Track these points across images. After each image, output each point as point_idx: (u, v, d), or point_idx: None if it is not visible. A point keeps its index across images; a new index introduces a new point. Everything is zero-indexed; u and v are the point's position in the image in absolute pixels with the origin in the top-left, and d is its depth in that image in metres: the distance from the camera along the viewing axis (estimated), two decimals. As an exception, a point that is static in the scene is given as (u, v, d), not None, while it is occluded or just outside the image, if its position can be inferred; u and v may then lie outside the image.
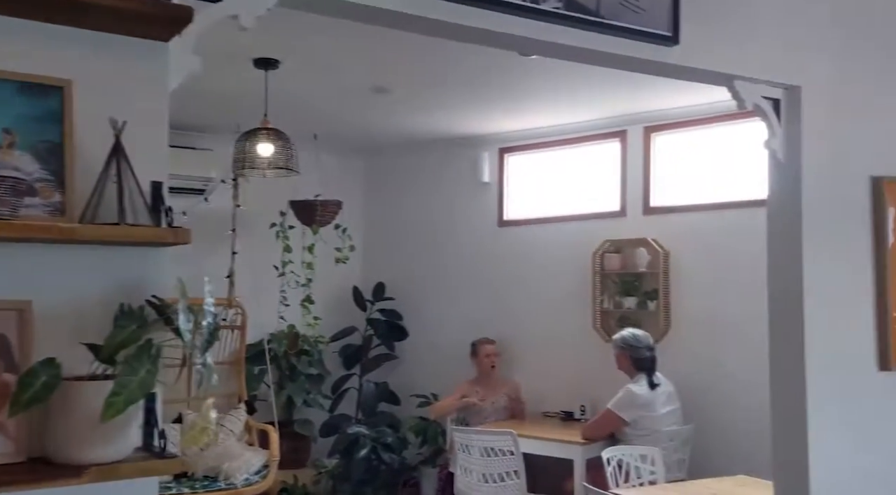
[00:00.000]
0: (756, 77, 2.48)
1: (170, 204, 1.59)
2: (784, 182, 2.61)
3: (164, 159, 1.66)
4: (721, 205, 4.79)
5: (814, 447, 2.48)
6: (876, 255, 2.68)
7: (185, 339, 1.46)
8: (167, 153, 1.67)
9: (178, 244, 1.55)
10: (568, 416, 5.22)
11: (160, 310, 1.53)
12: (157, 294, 1.57)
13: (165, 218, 1.57)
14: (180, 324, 1.46)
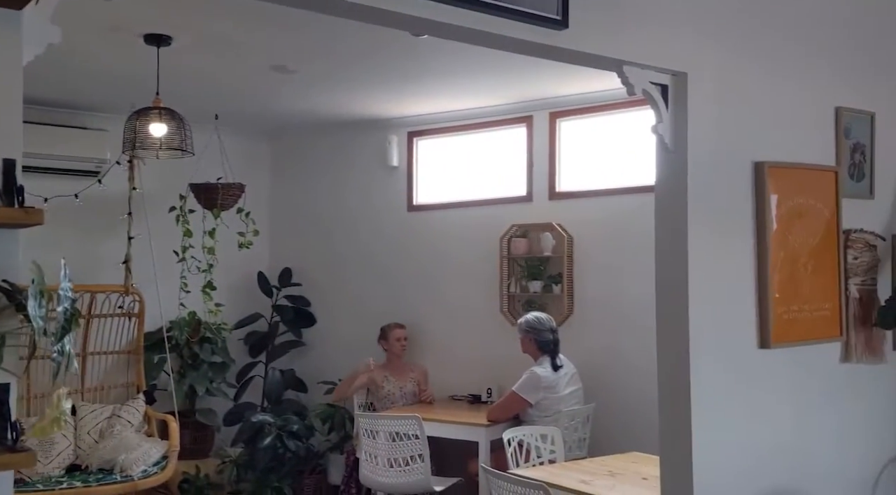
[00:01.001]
0: (644, 63, 2.52)
1: (22, 183, 1.49)
2: (671, 167, 2.67)
3: (18, 136, 1.55)
4: (622, 190, 4.89)
5: (697, 421, 2.56)
6: (757, 239, 2.78)
7: (35, 326, 1.37)
8: (20, 130, 1.56)
9: (30, 225, 1.45)
10: (475, 400, 5.27)
11: (10, 296, 1.43)
12: (9, 278, 1.47)
13: (17, 198, 1.47)
14: (30, 309, 1.37)
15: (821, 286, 2.96)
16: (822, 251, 2.97)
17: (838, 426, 3.01)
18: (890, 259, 3.19)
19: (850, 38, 3.12)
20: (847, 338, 3.02)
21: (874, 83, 3.19)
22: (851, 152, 3.09)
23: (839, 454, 3.01)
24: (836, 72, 3.06)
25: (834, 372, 3.01)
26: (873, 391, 3.14)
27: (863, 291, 3.08)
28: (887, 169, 3.22)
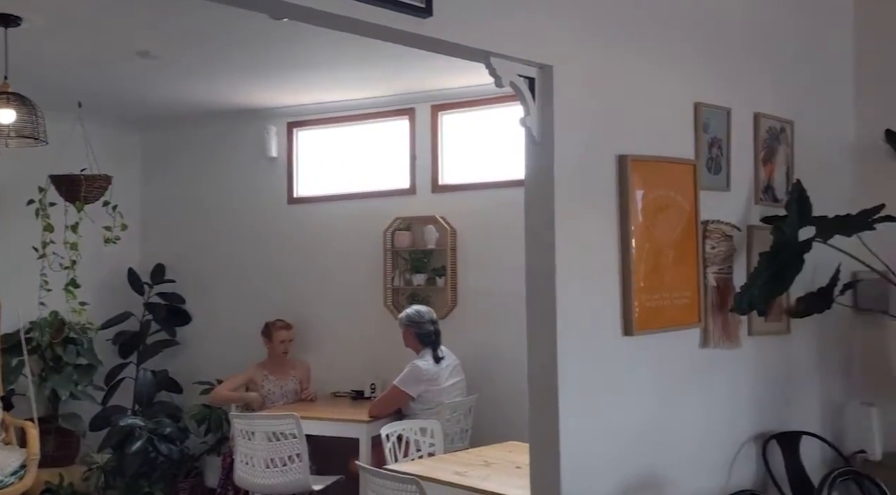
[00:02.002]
0: (511, 55, 2.53)
1: None
2: (538, 160, 2.70)
3: None
4: (503, 183, 4.94)
5: (564, 408, 2.61)
6: (621, 231, 2.85)
7: None
8: None
9: None
10: (358, 395, 5.21)
11: None
12: None
13: None
14: None
15: (682, 275, 3.07)
16: (682, 241, 3.08)
17: (698, 409, 3.14)
18: (745, 248, 3.36)
19: (708, 36, 3.24)
20: (705, 325, 3.15)
21: (730, 80, 3.34)
22: (709, 146, 3.22)
23: (700, 436, 3.14)
24: (694, 68, 3.18)
25: (694, 357, 3.14)
26: (730, 375, 3.29)
27: (720, 279, 3.22)
28: (742, 163, 3.38)
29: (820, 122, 3.84)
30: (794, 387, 3.65)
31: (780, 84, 3.61)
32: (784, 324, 3.57)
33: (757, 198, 3.45)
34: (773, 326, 3.49)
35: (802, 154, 3.67)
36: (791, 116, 3.62)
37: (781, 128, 3.58)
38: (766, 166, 3.51)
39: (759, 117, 3.46)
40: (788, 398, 3.61)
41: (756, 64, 3.48)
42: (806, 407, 3.70)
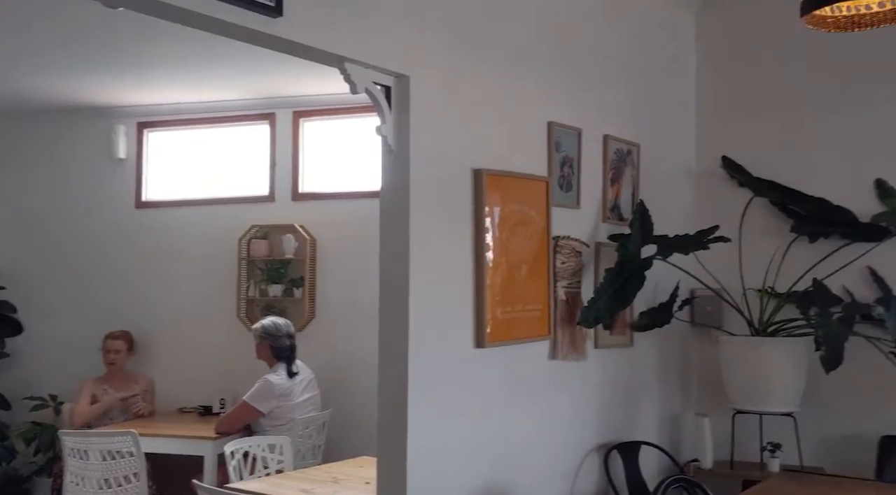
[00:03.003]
0: (366, 62, 2.49)
1: None
2: (394, 170, 2.67)
3: None
4: (364, 193, 4.88)
5: (413, 422, 2.58)
6: (476, 244, 2.87)
7: None
8: None
9: None
10: (206, 411, 4.97)
11: None
12: None
13: None
14: None
15: (534, 288, 3.14)
16: (535, 256, 3.15)
17: (546, 420, 3.20)
18: (593, 264, 3.48)
19: (562, 59, 3.35)
20: (555, 337, 3.23)
21: (582, 102, 3.46)
22: (561, 165, 3.31)
23: (547, 446, 3.20)
24: (549, 89, 3.27)
25: (543, 369, 3.21)
26: (577, 386, 3.39)
27: (569, 293, 3.32)
28: (592, 182, 3.50)
29: (663, 147, 4.06)
30: (636, 399, 3.81)
31: (627, 109, 3.78)
32: (628, 337, 3.72)
33: (605, 216, 3.59)
34: (617, 339, 3.63)
35: (647, 176, 3.86)
36: (637, 140, 3.80)
37: (628, 151, 3.75)
38: (614, 186, 3.66)
39: (608, 139, 3.61)
40: (630, 409, 3.76)
41: (606, 89, 3.63)
42: (646, 418, 3.87)
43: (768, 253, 3.90)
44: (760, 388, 3.67)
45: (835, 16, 2.16)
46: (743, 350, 3.75)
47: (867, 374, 3.55)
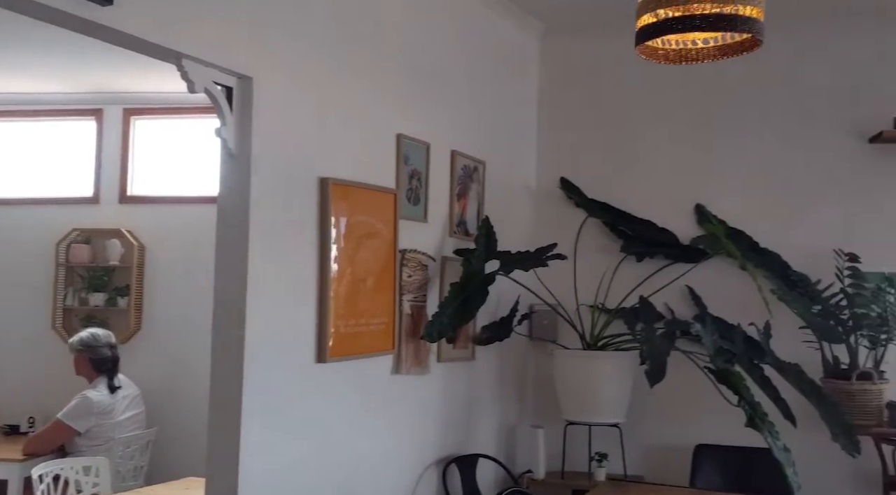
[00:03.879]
0: (206, 60, 2.35)
1: None
2: (234, 175, 2.53)
3: None
4: (200, 199, 4.64)
5: (246, 441, 2.44)
6: (320, 255, 2.78)
7: None
8: None
9: None
10: (13, 430, 4.50)
11: None
12: None
13: None
14: None
15: (379, 301, 3.09)
16: (381, 269, 3.10)
17: (387, 435, 3.16)
18: (438, 278, 3.48)
19: (413, 73, 3.35)
20: (399, 351, 3.20)
21: (431, 117, 3.47)
22: (409, 178, 3.30)
23: (387, 462, 3.16)
24: (399, 101, 3.25)
25: (386, 383, 3.16)
26: (419, 401, 3.37)
27: (414, 307, 3.30)
28: (439, 196, 3.52)
29: (507, 165, 4.17)
30: (476, 412, 3.86)
31: (475, 126, 3.85)
32: (470, 351, 3.76)
33: (451, 230, 3.62)
34: (460, 353, 3.66)
35: (492, 193, 3.94)
36: (484, 157, 3.87)
37: (475, 167, 3.81)
38: (460, 201, 3.70)
39: (456, 155, 3.65)
40: (470, 422, 3.80)
41: (454, 105, 3.67)
42: (484, 431, 3.93)
43: (600, 270, 4.10)
44: (590, 400, 3.83)
45: (665, 48, 2.29)
46: (575, 363, 3.90)
47: (685, 387, 3.80)
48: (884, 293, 3.69)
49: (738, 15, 1.93)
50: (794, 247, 3.96)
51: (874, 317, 3.66)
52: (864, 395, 3.66)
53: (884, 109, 3.89)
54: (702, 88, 4.19)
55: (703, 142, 4.19)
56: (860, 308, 3.66)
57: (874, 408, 3.67)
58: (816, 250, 3.90)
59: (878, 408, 3.68)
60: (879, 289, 3.70)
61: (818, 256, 3.88)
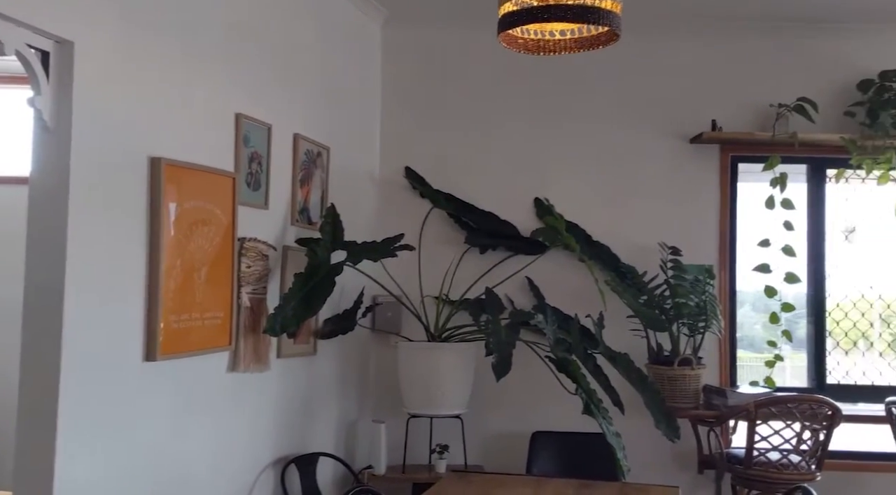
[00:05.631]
0: (17, 17, 2.04)
1: None
2: (51, 152, 2.23)
3: None
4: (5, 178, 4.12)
5: (62, 449, 2.17)
6: (151, 244, 2.53)
7: None
8: None
9: None
10: None
11: None
12: None
13: None
14: None
15: (215, 294, 2.87)
16: (218, 258, 2.88)
17: (222, 437, 2.95)
18: (280, 268, 3.31)
19: (254, 51, 3.14)
20: (236, 347, 3.00)
21: (273, 98, 3.28)
22: (249, 161, 3.10)
23: (221, 465, 2.95)
24: (238, 79, 3.04)
25: (221, 382, 2.95)
26: (257, 399, 3.19)
27: (254, 300, 3.11)
28: (281, 182, 3.34)
29: (352, 152, 4.05)
30: (316, 408, 3.72)
31: (319, 111, 3.69)
32: (311, 345, 3.61)
33: (293, 218, 3.45)
34: (301, 348, 3.51)
35: (336, 180, 3.80)
36: (328, 143, 3.73)
37: (318, 153, 3.66)
38: (304, 188, 3.53)
39: (299, 139, 3.48)
40: (310, 419, 3.66)
41: (298, 88, 3.50)
42: (325, 428, 3.80)
43: (445, 262, 4.10)
44: (433, 392, 3.81)
45: (524, 38, 2.28)
46: (419, 355, 3.86)
47: (525, 376, 3.88)
48: (702, 284, 3.97)
49: (599, 8, 1.94)
50: (624, 240, 4.16)
51: (693, 306, 3.92)
52: (683, 380, 3.92)
53: (704, 112, 4.18)
54: (542, 84, 4.29)
55: (542, 137, 4.30)
56: (681, 298, 3.91)
57: (692, 392, 3.94)
58: (643, 243, 4.12)
59: (695, 392, 3.95)
60: (698, 281, 3.97)
61: (645, 249, 4.10)
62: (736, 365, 4.24)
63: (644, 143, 4.27)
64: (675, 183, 4.25)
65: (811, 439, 3.61)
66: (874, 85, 4.05)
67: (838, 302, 4.35)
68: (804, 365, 4.34)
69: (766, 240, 4.05)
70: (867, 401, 4.11)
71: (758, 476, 3.60)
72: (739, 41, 4.24)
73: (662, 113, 4.27)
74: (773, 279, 4.04)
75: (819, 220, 4.28)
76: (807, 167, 4.28)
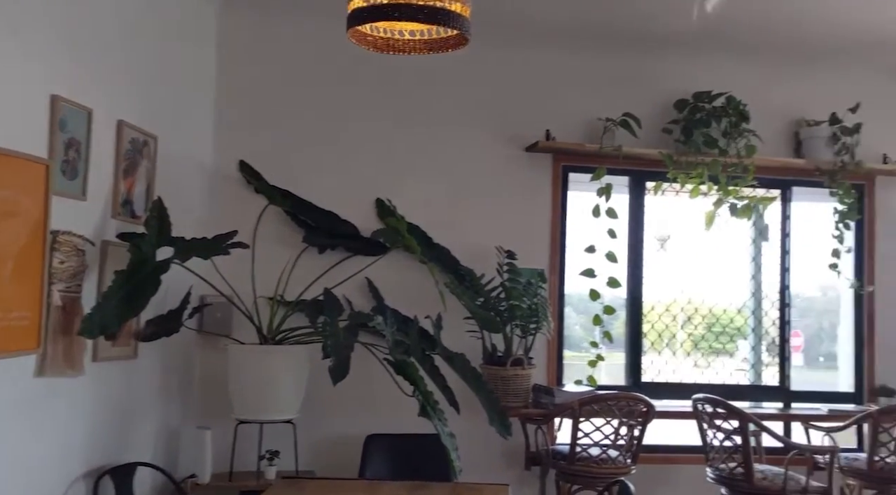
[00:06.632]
0: None
1: None
2: None
3: None
4: None
5: None
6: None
7: None
8: None
9: None
10: None
11: None
12: None
13: None
14: None
15: (22, 292, 2.59)
16: (26, 253, 2.60)
17: (25, 450, 2.66)
18: (98, 265, 3.04)
19: (74, 29, 2.87)
20: (45, 350, 2.71)
21: (94, 80, 3.01)
22: (66, 147, 2.82)
23: (25, 481, 2.66)
24: (55, 57, 2.76)
25: (27, 388, 2.66)
26: (68, 407, 2.91)
27: (67, 298, 2.83)
28: (101, 171, 3.07)
29: (183, 143, 3.81)
30: (136, 415, 3.46)
31: (146, 97, 3.44)
32: (132, 348, 3.36)
33: (115, 211, 3.18)
34: (120, 351, 3.25)
35: (164, 172, 3.56)
36: (155, 131, 3.48)
37: (145, 142, 3.41)
38: (127, 179, 3.28)
39: (123, 126, 3.22)
40: (129, 427, 3.40)
41: (122, 71, 3.24)
42: (145, 436, 3.55)
43: (281, 261, 3.96)
44: (265, 397, 3.67)
45: (374, 36, 2.24)
46: (250, 358, 3.70)
47: (361, 379, 3.81)
48: (534, 287, 4.12)
49: (450, 10, 1.94)
50: (463, 243, 4.23)
51: (526, 308, 4.06)
52: (515, 380, 4.04)
53: (539, 122, 4.34)
54: (388, 84, 4.27)
55: (385, 138, 4.28)
56: (515, 300, 4.03)
57: (523, 391, 4.07)
58: (482, 247, 4.21)
59: (525, 391, 4.09)
60: (530, 284, 4.12)
61: (483, 252, 4.19)
62: (563, 364, 4.44)
63: (484, 150, 4.36)
64: (512, 189, 4.38)
65: (627, 434, 3.84)
66: (689, 104, 4.40)
67: (653, 305, 4.69)
68: (621, 363, 4.63)
69: (592, 246, 4.28)
70: (676, 398, 4.44)
71: (580, 471, 3.78)
72: (575, 56, 4.45)
73: (502, 121, 4.38)
74: (597, 283, 4.28)
75: (638, 229, 4.58)
76: (629, 179, 4.56)
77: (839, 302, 4.88)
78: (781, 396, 4.63)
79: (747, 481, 3.67)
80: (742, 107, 4.37)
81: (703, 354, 4.84)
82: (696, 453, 4.06)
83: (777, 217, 4.72)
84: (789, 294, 4.70)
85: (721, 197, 4.35)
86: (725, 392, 4.21)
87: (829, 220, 4.55)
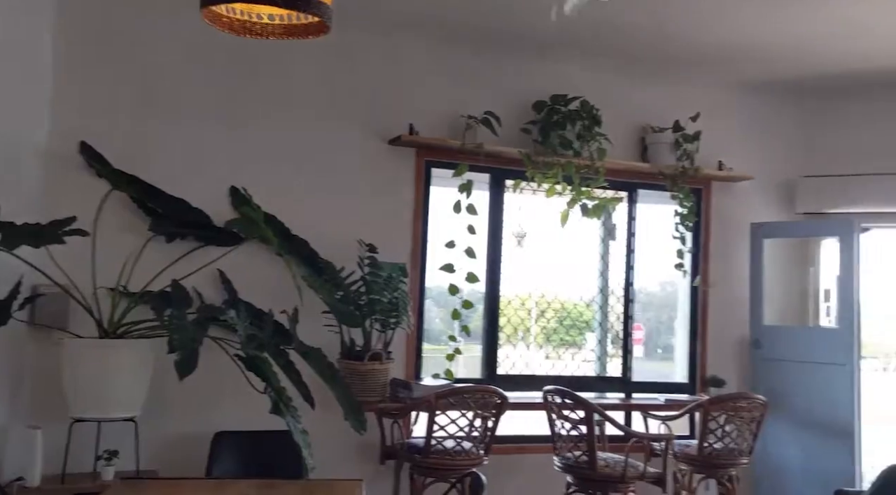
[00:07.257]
0: None
1: None
2: None
3: None
4: None
5: None
6: None
7: None
8: None
9: None
10: None
11: None
12: None
13: None
14: None
15: None
16: None
17: None
18: None
19: None
20: None
21: None
22: None
23: None
24: None
25: None
26: None
27: None
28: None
29: (13, 121, 3.50)
30: (-47, 417, 3.15)
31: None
32: (-52, 343, 3.04)
33: (-70, 192, 2.87)
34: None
35: (-9, 150, 3.25)
36: (-18, 105, 3.18)
37: (-31, 116, 3.10)
38: (-54, 156, 2.96)
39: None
40: (-56, 430, 3.09)
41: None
42: (-36, 438, 3.24)
43: (124, 250, 3.73)
44: (104, 394, 3.45)
45: (230, 17, 2.14)
46: (88, 353, 3.46)
47: (209, 374, 3.64)
48: (395, 281, 4.11)
49: (310, -4, 1.88)
50: (323, 235, 4.15)
51: (386, 303, 4.04)
52: (373, 374, 4.02)
53: (403, 115, 4.34)
54: (246, 69, 4.11)
55: (242, 124, 4.12)
56: (376, 294, 4.01)
57: (380, 386, 4.06)
58: (342, 239, 4.15)
59: (383, 385, 4.08)
60: (391, 278, 4.11)
61: (344, 245, 4.14)
62: (422, 358, 4.47)
63: (346, 141, 4.30)
64: (374, 182, 4.35)
65: (481, 426, 3.93)
66: (546, 106, 4.54)
67: (509, 300, 4.81)
68: (478, 357, 4.72)
69: (452, 241, 4.32)
70: (529, 390, 4.59)
71: (435, 464, 3.82)
72: (440, 51, 4.47)
73: (365, 112, 4.34)
74: (456, 278, 4.33)
75: (497, 226, 4.68)
76: (490, 176, 4.64)
77: (677, 296, 5.22)
78: (624, 387, 4.90)
79: (591, 468, 3.85)
80: (595, 111, 4.56)
81: (555, 347, 5.03)
82: (545, 443, 4.21)
83: (624, 217, 4.98)
84: (633, 290, 4.98)
85: (574, 197, 4.52)
86: (573, 383, 4.39)
87: (670, 221, 4.85)
